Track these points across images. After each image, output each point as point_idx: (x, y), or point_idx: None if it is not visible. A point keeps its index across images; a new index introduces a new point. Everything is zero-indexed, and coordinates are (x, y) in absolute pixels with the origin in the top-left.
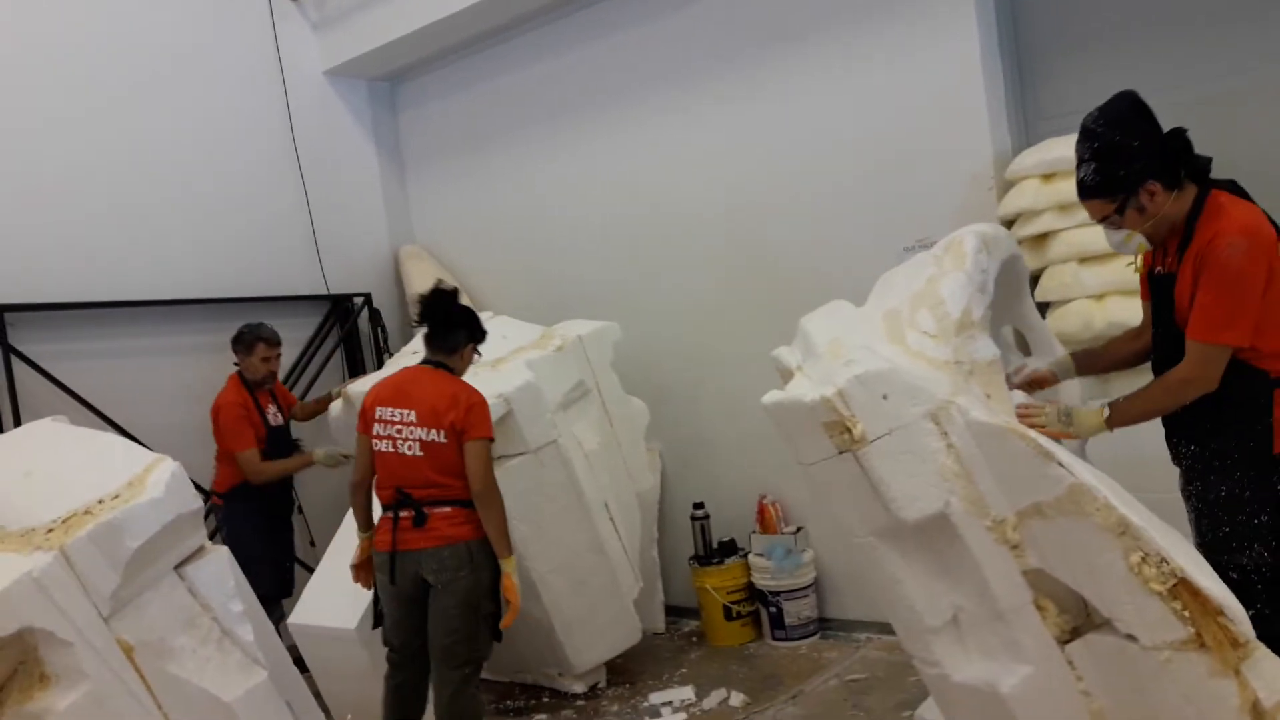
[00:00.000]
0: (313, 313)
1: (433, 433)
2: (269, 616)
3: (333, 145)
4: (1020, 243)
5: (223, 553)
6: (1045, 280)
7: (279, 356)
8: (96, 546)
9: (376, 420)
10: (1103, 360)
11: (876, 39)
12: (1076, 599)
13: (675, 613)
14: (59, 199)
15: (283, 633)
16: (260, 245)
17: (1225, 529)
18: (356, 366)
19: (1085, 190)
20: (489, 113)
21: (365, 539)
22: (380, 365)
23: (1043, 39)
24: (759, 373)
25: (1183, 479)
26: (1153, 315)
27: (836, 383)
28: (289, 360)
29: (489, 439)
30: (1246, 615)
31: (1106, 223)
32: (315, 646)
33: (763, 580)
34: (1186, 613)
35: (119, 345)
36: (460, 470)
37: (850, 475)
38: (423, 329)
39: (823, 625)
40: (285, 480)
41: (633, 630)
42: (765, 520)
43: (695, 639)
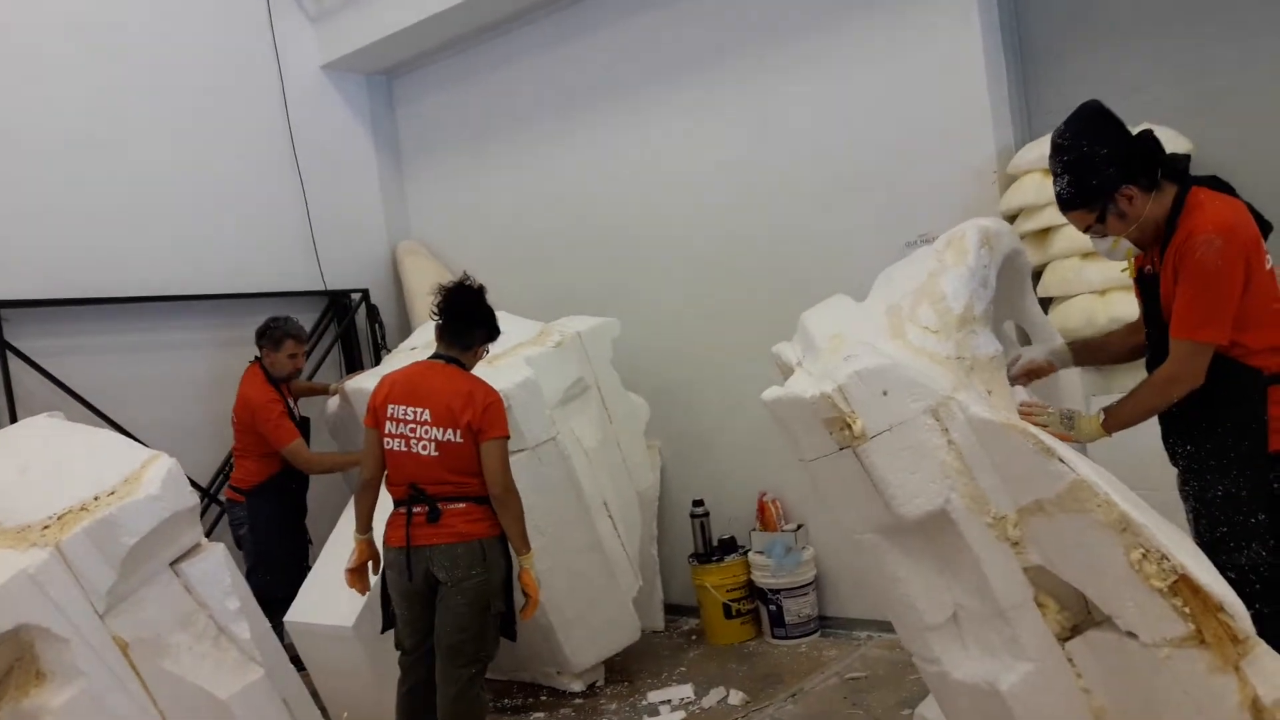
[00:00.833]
0: (310, 309)
1: (449, 432)
2: (281, 617)
3: (330, 140)
4: (1022, 237)
5: (219, 550)
6: (1048, 275)
7: (305, 353)
8: (93, 543)
9: (389, 418)
10: (1101, 352)
11: (879, 33)
12: (1077, 596)
13: (674, 611)
14: (54, 194)
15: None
16: (257, 241)
17: (1223, 528)
18: (354, 362)
19: (1063, 203)
20: (487, 108)
21: (362, 541)
22: (378, 361)
23: (1046, 33)
24: (759, 369)
25: (1180, 479)
26: (1144, 315)
27: (837, 378)
28: None
29: (506, 438)
30: (1247, 612)
31: (1091, 231)
32: (313, 644)
33: (763, 578)
34: (1187, 609)
35: (115, 341)
36: (476, 468)
37: (850, 472)
38: (437, 321)
39: (823, 623)
40: (302, 480)
41: (631, 628)
42: (765, 518)
43: (694, 637)
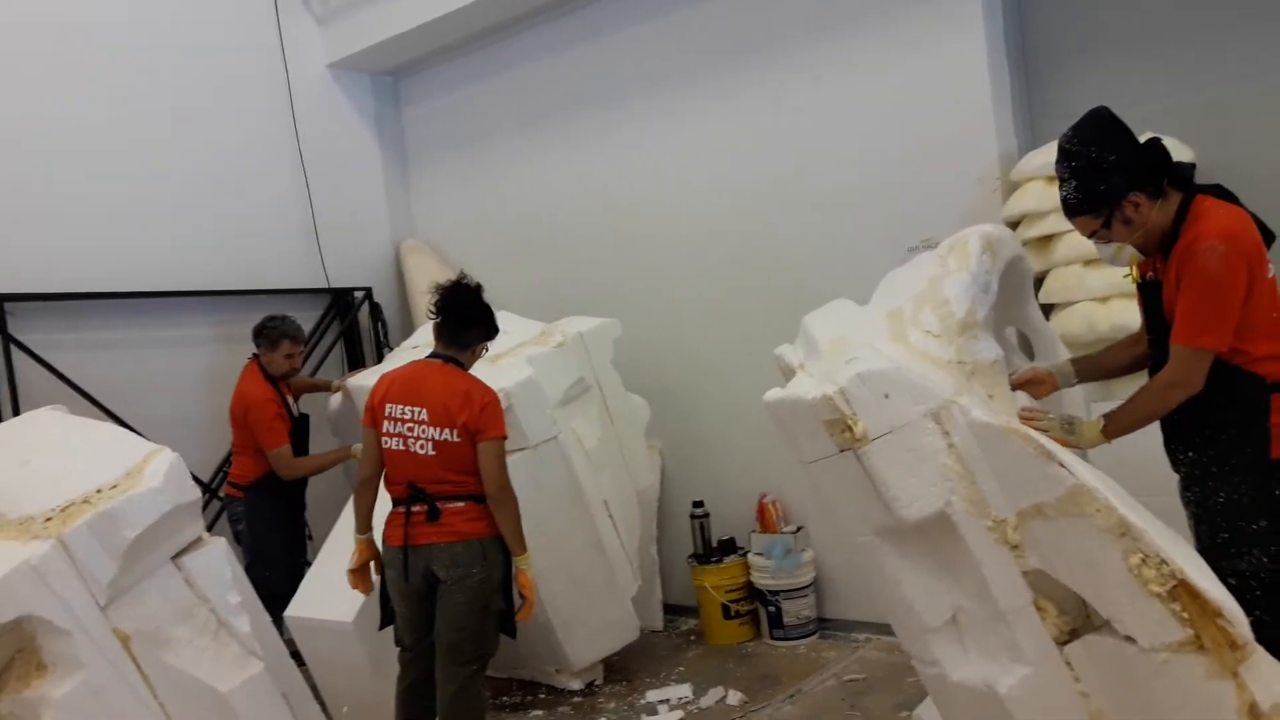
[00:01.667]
0: (313, 306)
1: (446, 432)
2: (280, 612)
3: (335, 139)
4: (1025, 244)
5: (220, 544)
6: (1049, 282)
7: (302, 353)
8: (94, 535)
9: (386, 417)
10: (1102, 367)
11: (882, 39)
12: (1076, 600)
13: (673, 611)
14: (59, 190)
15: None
16: (261, 238)
17: (1224, 535)
18: (356, 360)
19: (1069, 209)
20: (492, 108)
21: (363, 541)
22: (380, 359)
23: (1049, 40)
24: (761, 371)
25: (1181, 485)
26: (1146, 322)
27: (838, 381)
28: None
29: (503, 438)
30: (1245, 618)
31: (1096, 237)
32: (312, 639)
33: (762, 579)
34: (1185, 614)
35: (119, 336)
36: (474, 468)
37: (851, 474)
38: (435, 320)
39: (821, 625)
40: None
41: (631, 628)
42: (765, 519)
43: (693, 637)
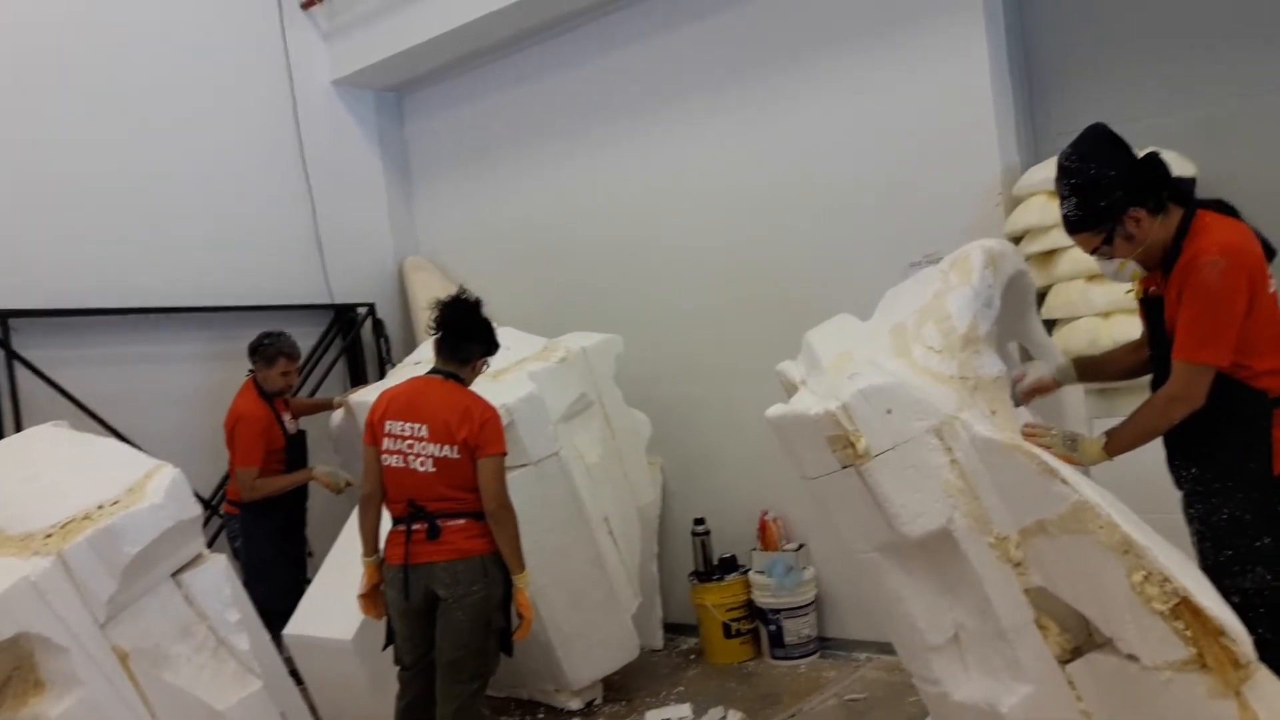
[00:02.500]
0: (316, 322)
1: (445, 448)
2: (279, 630)
3: (339, 155)
4: (1027, 259)
5: (220, 561)
6: (1052, 298)
7: (299, 370)
8: (95, 552)
9: (386, 435)
10: (1105, 369)
11: (885, 55)
12: (1078, 618)
13: (674, 629)
14: (63, 205)
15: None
16: (265, 254)
17: (1228, 552)
18: (359, 376)
19: (1070, 225)
20: (495, 125)
21: (371, 564)
22: (383, 376)
23: (1052, 55)
24: (763, 387)
25: (1184, 502)
26: (1149, 338)
27: (841, 397)
28: None
29: (502, 454)
30: (1248, 636)
31: (1098, 254)
32: (311, 657)
33: (763, 598)
34: (1188, 632)
35: (122, 351)
36: (474, 484)
37: (853, 490)
38: (434, 335)
39: (822, 644)
40: (300, 492)
41: (630, 646)
42: (766, 537)
43: (693, 656)
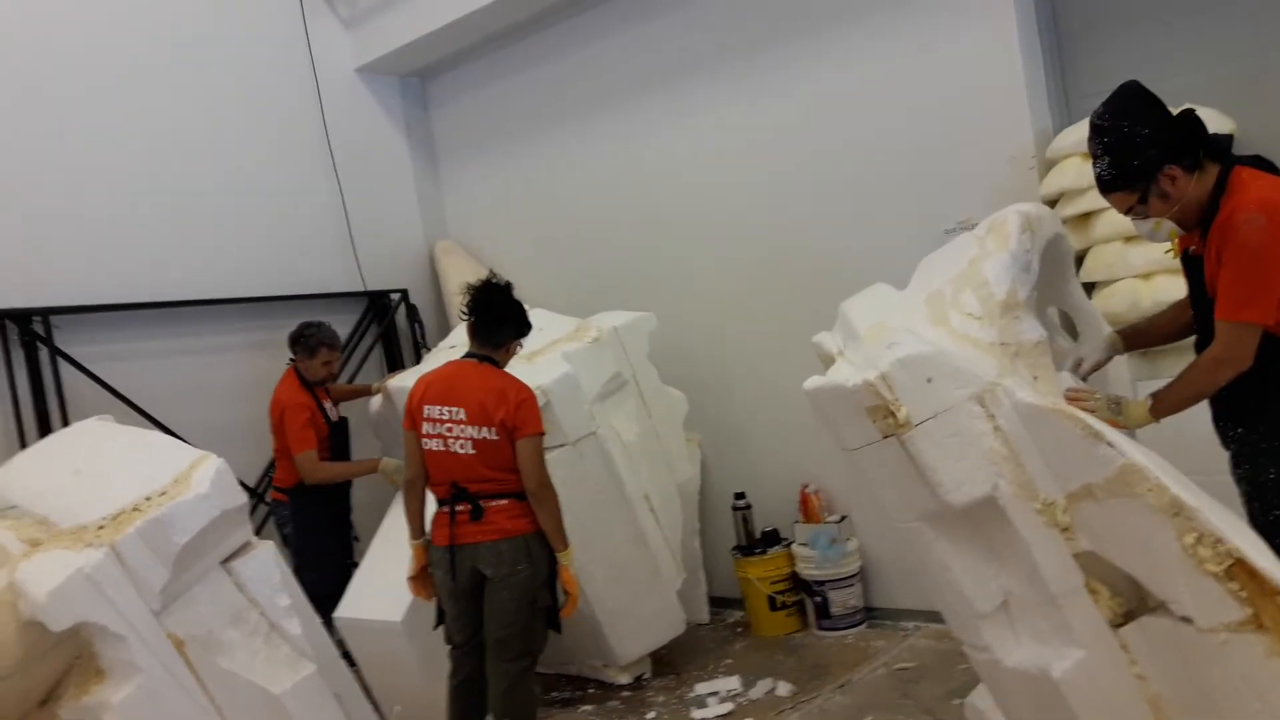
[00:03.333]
0: (350, 310)
1: (484, 430)
2: (329, 614)
3: (366, 142)
4: (1064, 222)
5: (269, 548)
6: (1090, 260)
7: (340, 358)
8: (145, 542)
9: (425, 419)
10: (1150, 335)
11: (913, 20)
12: (1129, 582)
13: (719, 603)
14: (98, 203)
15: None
16: (297, 243)
17: (1277, 511)
18: (395, 362)
19: (1104, 185)
20: (521, 106)
21: (418, 546)
22: (418, 360)
23: (1081, 15)
24: (798, 360)
25: (1232, 462)
26: (1191, 297)
27: (879, 366)
28: None
29: (540, 434)
30: None
31: (1133, 214)
32: (362, 639)
33: (807, 570)
34: (1244, 593)
35: (162, 345)
36: (514, 465)
37: (895, 460)
38: (467, 320)
39: (869, 614)
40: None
41: (677, 621)
42: (808, 509)
43: (740, 629)
